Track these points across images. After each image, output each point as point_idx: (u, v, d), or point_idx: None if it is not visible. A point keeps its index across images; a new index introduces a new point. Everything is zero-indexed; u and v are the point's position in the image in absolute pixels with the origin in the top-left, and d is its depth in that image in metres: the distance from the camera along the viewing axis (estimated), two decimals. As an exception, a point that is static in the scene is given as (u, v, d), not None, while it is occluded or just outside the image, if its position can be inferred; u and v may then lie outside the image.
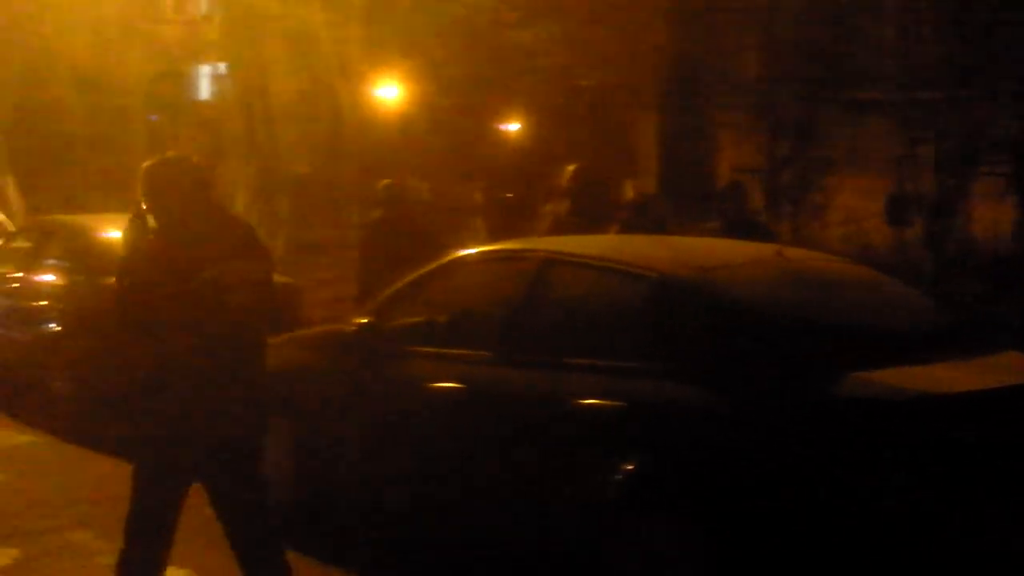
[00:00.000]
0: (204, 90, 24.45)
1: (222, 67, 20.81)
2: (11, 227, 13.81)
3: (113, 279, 4.52)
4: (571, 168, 8.59)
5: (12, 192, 20.20)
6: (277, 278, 9.86)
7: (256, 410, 4.46)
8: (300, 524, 6.25)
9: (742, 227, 7.49)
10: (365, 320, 6.07)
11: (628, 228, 8.26)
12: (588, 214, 8.18)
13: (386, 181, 10.21)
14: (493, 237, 12.63)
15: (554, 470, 4.99)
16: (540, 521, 5.12)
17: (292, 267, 13.66)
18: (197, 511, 6.63)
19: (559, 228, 8.02)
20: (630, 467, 4.63)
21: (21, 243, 10.85)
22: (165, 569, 4.63)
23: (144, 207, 4.43)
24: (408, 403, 5.66)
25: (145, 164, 4.52)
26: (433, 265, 6.13)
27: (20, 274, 10.15)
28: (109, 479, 7.38)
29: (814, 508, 4.20)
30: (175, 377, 4.28)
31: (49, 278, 9.78)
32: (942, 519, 4.09)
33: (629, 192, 14.45)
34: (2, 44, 20.09)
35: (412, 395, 5.65)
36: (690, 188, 14.03)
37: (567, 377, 5.02)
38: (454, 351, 5.56)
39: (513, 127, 17.58)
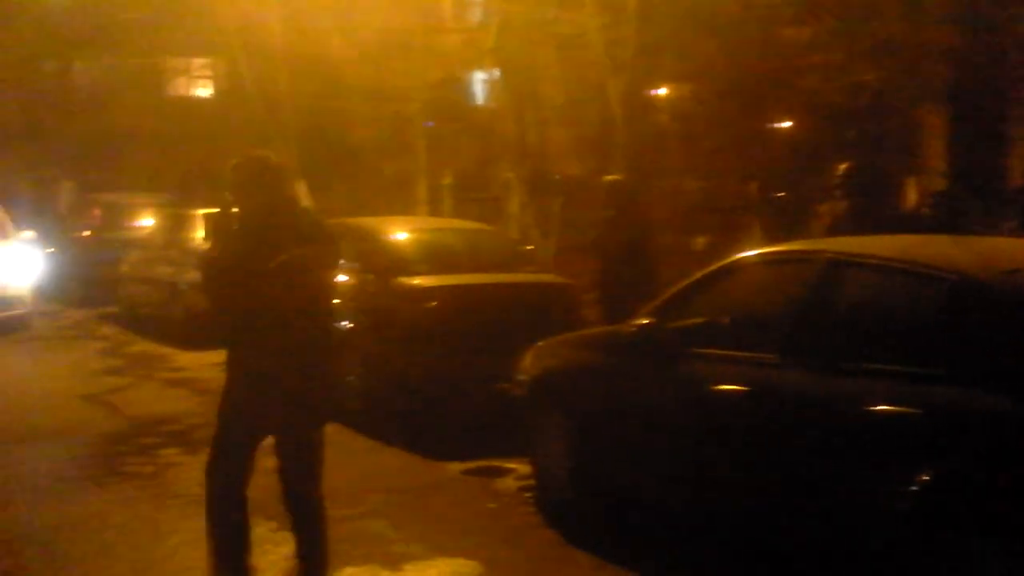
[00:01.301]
0: (480, 96, 25.19)
1: (497, 73, 21.36)
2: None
3: (204, 265, 5.13)
4: (842, 166, 8.33)
5: (303, 197, 21.42)
6: (552, 279, 10.09)
7: (324, 381, 4.97)
8: (575, 519, 6.35)
9: (1045, 226, 7.04)
10: (645, 321, 6.08)
11: (914, 228, 7.93)
12: (867, 213, 7.92)
13: (612, 177, 10.10)
14: (768, 237, 12.38)
15: (841, 476, 4.84)
16: (825, 527, 4.98)
17: (565, 267, 13.84)
18: (477, 505, 6.87)
19: (837, 228, 7.79)
20: (925, 477, 4.44)
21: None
22: (244, 489, 5.04)
23: (231, 200, 4.99)
24: (690, 404, 5.64)
25: (232, 162, 5.04)
26: (714, 267, 6.08)
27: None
28: (399, 471, 7.73)
29: None
30: (256, 350, 4.84)
31: (341, 277, 10.29)
32: None
33: (912, 191, 13.86)
34: (297, 59, 21.35)
35: (695, 397, 5.62)
36: (983, 185, 13.28)
37: (856, 382, 4.86)
38: (737, 353, 5.49)
39: (787, 125, 17.19)
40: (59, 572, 5.73)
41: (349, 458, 8.18)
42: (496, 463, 7.73)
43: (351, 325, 9.67)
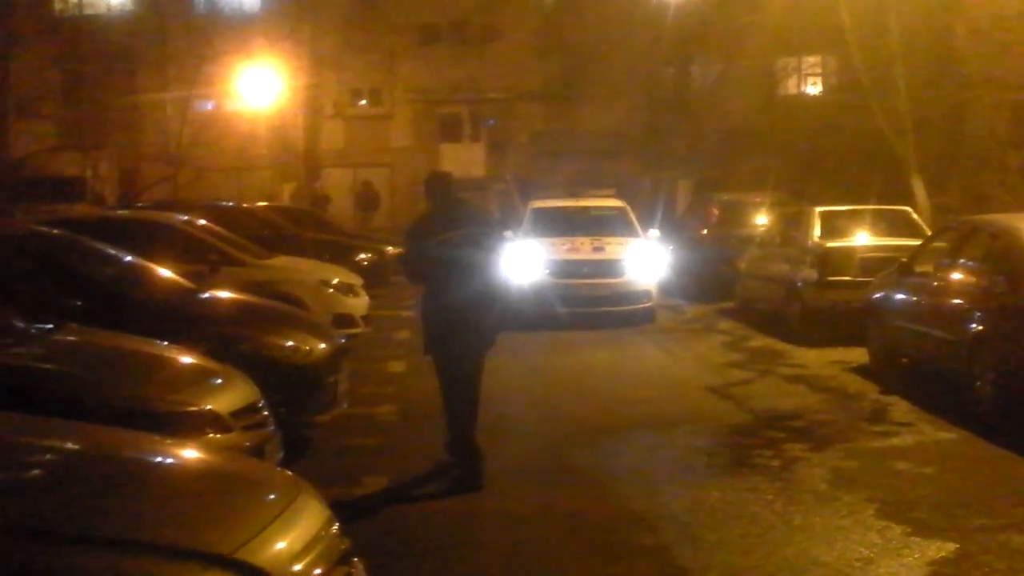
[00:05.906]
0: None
1: None
2: (925, 228, 14.15)
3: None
4: None
5: (919, 192, 20.74)
6: None
7: (487, 320, 7.56)
8: None
9: None
10: None
11: None
12: None
13: None
14: None
15: None
16: None
17: None
18: None
19: None
20: None
21: (939, 244, 11.11)
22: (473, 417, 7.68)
23: (426, 201, 7.84)
24: None
25: (425, 176, 7.98)
26: None
27: (939, 273, 10.41)
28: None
29: None
30: (439, 301, 7.46)
31: (968, 278, 9.88)
32: None
33: None
34: (912, 50, 20.71)
35: None
36: None
37: None
38: None
39: None
40: (699, 554, 6.05)
41: (979, 466, 7.85)
42: None
43: (980, 329, 9.23)
